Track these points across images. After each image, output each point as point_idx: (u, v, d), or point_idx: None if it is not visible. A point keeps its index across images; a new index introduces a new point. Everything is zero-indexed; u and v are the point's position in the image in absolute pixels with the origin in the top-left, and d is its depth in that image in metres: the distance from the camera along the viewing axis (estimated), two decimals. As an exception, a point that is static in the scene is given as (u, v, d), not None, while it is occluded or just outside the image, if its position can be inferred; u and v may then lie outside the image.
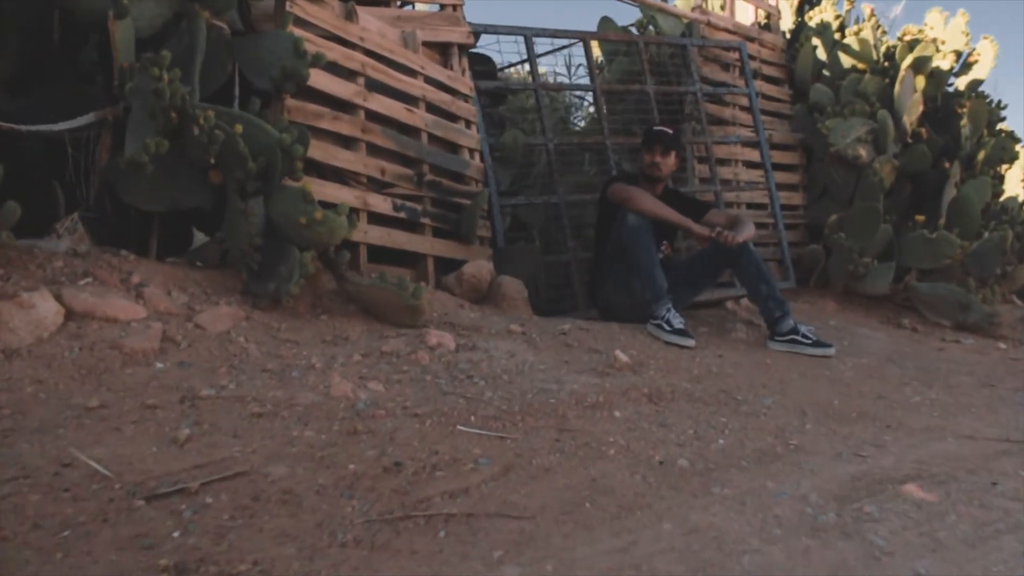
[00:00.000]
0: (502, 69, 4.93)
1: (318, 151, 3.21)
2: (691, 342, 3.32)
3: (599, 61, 5.95)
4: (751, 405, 2.56)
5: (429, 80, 3.79)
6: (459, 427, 1.99)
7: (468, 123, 4.00)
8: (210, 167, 2.82)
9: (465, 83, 4.01)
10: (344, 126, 3.32)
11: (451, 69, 3.97)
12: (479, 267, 3.59)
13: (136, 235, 3.04)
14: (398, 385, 2.29)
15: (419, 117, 3.67)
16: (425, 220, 3.62)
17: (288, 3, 3.15)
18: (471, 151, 3.98)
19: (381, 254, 3.52)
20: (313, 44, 3.22)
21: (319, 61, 3.01)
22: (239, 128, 2.75)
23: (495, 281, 3.62)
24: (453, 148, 3.91)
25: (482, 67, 4.26)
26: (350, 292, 2.97)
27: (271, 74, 3.00)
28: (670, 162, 3.80)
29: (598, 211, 3.94)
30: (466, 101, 4.01)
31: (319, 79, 3.23)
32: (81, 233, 2.89)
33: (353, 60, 3.39)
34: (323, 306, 2.98)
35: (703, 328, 3.88)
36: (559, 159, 4.47)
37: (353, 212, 3.33)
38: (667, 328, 3.37)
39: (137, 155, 2.58)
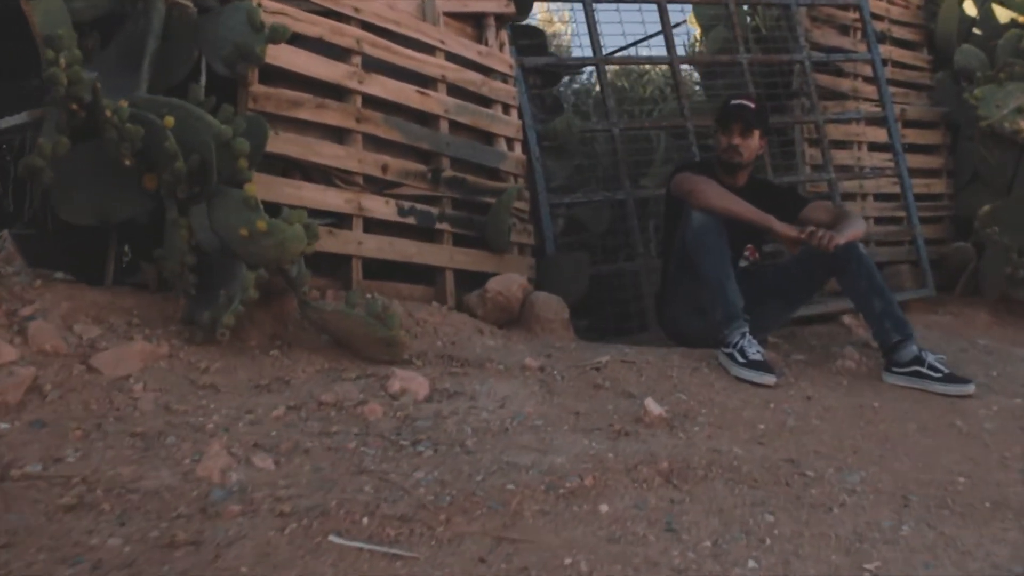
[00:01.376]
0: (628, 46, 4.22)
1: (295, 146, 2.65)
2: (769, 379, 2.52)
3: (697, 33, 5.16)
4: (825, 487, 1.76)
5: (452, 57, 3.17)
6: (332, 537, 1.35)
7: (507, 107, 3.34)
8: (144, 170, 2.32)
9: (503, 59, 3.36)
10: (331, 115, 2.75)
11: (486, 43, 3.33)
12: (507, 282, 2.93)
13: (93, 254, 2.60)
14: (300, 458, 1.68)
15: (436, 101, 3.05)
16: (442, 225, 2.99)
17: (256, -31, 2.62)
18: (510, 140, 3.32)
19: (392, 269, 2.93)
20: (289, 17, 2.68)
21: (280, 35, 2.44)
22: (170, 120, 2.23)
23: (529, 299, 2.95)
24: (487, 137, 3.27)
25: (529, 40, 3.59)
26: (313, 320, 2.39)
27: (221, 54, 2.47)
28: (752, 144, 3.00)
29: (664, 209, 3.19)
30: (505, 81, 3.35)
31: (296, 59, 2.68)
32: (9, 253, 2.48)
33: (344, 36, 2.81)
34: (287, 336, 2.42)
35: (800, 355, 3.04)
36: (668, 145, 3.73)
37: (343, 219, 2.76)
38: (739, 360, 2.58)
39: (31, 159, 2.11)
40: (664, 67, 7.26)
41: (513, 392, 2.22)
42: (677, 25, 5.03)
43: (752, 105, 3.00)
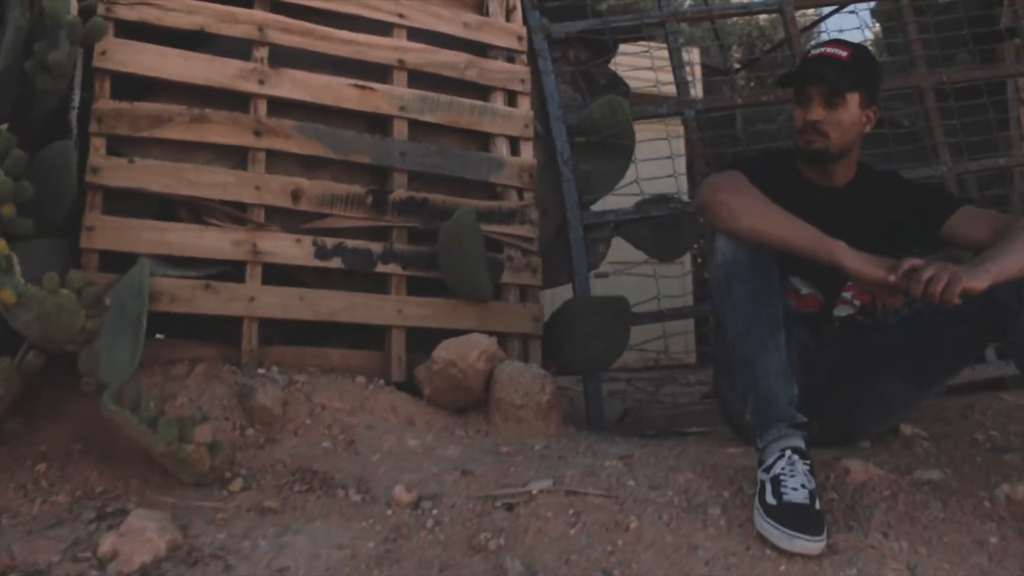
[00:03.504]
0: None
1: (159, 177, 2.01)
2: (808, 545, 1.40)
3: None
4: None
5: (421, 35, 2.34)
6: None
7: (512, 95, 2.43)
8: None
9: (507, 30, 2.45)
10: (216, 130, 2.07)
11: (486, 12, 2.45)
12: (464, 349, 2.04)
13: None
14: None
15: (384, 97, 2.24)
16: (388, 267, 2.18)
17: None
18: (514, 140, 2.41)
19: (340, 328, 2.20)
20: (153, 7, 2.04)
21: (90, 34, 1.82)
22: (-83, 157, 1.70)
23: (493, 374, 2.04)
24: (481, 140, 2.39)
25: (560, 1, 2.62)
26: (107, 420, 1.72)
27: (25, 66, 1.90)
28: (845, 117, 1.82)
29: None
30: (511, 60, 2.45)
31: (163, 63, 2.04)
32: None
33: (239, 23, 2.12)
34: (98, 439, 1.78)
35: (935, 468, 1.79)
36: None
37: (235, 267, 2.07)
38: (768, 499, 1.49)
39: None
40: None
41: (309, 558, 1.38)
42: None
43: (843, 53, 1.83)
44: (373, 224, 2.19)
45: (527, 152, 2.41)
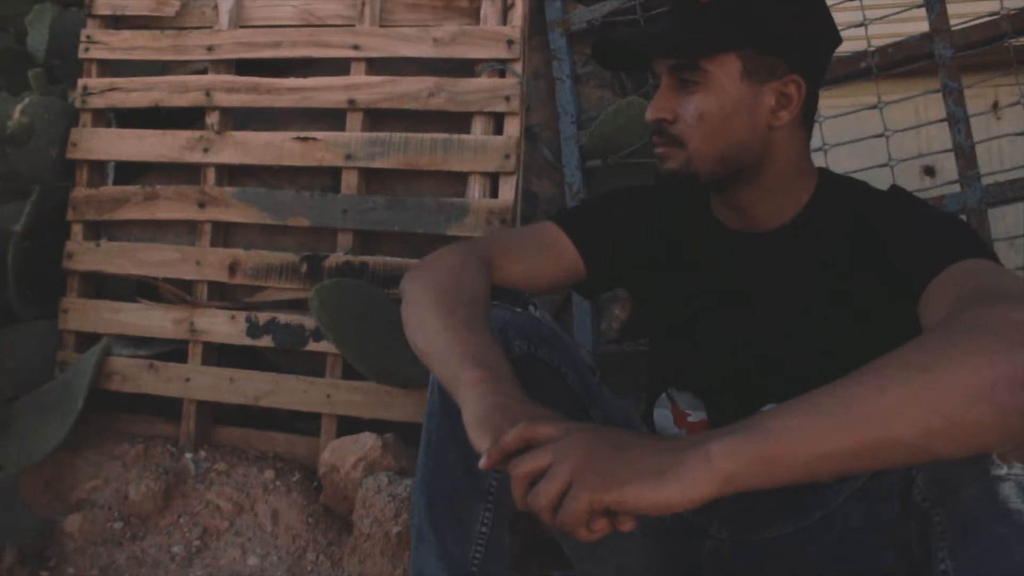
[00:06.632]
0: None
1: (117, 259, 2.04)
2: None
3: None
4: None
5: (386, 65, 1.97)
6: None
7: (500, 119, 1.89)
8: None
9: (493, 36, 1.90)
10: (166, 207, 2.02)
11: (479, 18, 1.96)
12: (342, 453, 1.66)
13: None
14: None
15: (328, 146, 1.92)
16: (320, 345, 1.88)
17: None
18: (495, 177, 1.87)
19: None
20: (119, 91, 2.08)
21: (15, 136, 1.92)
22: None
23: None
24: (454, 180, 1.91)
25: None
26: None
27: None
28: (709, 105, 1.01)
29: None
30: (502, 75, 1.91)
31: (122, 146, 2.06)
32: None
33: (190, 92, 2.02)
34: None
35: None
36: None
37: (178, 346, 2.00)
38: None
39: None
40: None
41: None
42: None
43: (702, -1, 1.02)
44: (307, 295, 1.91)
45: (508, 190, 1.86)
